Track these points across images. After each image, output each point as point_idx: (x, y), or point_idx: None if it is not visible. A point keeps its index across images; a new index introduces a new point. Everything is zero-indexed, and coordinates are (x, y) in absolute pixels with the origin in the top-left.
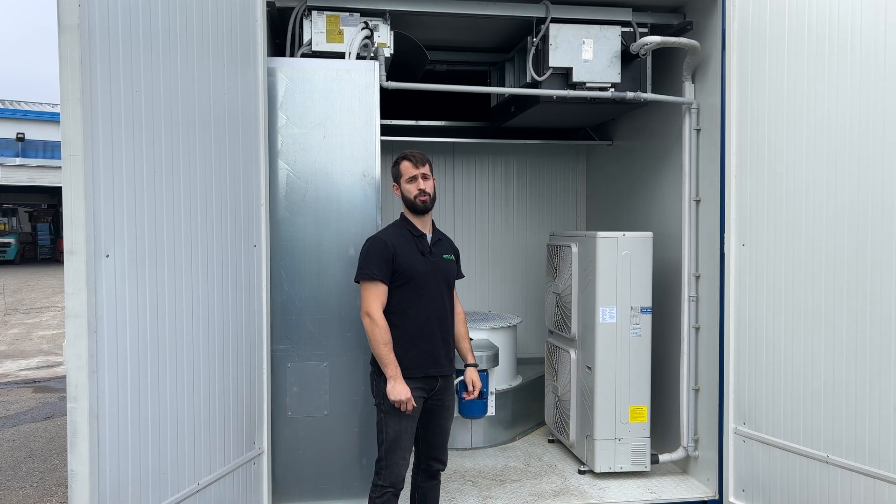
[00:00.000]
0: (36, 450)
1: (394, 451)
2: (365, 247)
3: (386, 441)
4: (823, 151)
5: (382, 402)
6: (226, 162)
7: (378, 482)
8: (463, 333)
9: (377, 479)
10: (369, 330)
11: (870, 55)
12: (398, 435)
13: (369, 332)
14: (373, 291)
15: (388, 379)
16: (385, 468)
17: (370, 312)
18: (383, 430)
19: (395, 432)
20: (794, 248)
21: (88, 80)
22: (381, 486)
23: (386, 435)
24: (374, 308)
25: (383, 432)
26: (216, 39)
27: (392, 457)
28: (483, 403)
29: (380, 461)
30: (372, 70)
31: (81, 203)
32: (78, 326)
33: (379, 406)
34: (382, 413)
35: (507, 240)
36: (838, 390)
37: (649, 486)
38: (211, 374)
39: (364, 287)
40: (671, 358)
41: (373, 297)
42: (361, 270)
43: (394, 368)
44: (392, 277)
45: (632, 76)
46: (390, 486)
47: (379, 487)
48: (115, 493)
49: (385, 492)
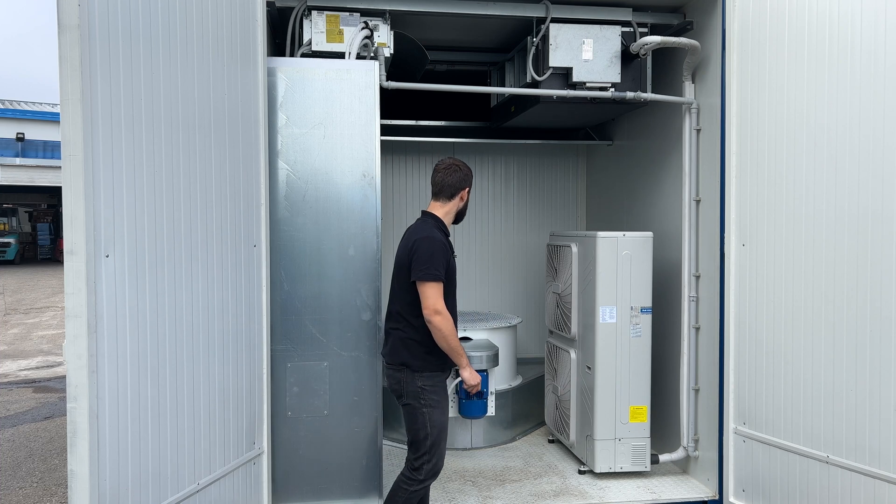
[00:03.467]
0: (36, 450)
1: (439, 442)
2: (426, 247)
3: (432, 434)
4: (823, 151)
5: (423, 398)
6: (226, 162)
7: (419, 477)
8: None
9: (417, 473)
10: (443, 326)
11: (870, 55)
12: (443, 426)
13: (443, 328)
14: (438, 290)
15: (464, 368)
16: (430, 461)
17: (440, 310)
18: (427, 425)
19: (441, 423)
20: (794, 247)
21: (88, 80)
22: (421, 479)
23: (432, 428)
24: (441, 305)
25: (426, 427)
26: (216, 39)
27: (439, 448)
28: (483, 403)
29: (422, 455)
30: (372, 70)
31: (81, 203)
32: (78, 326)
33: (419, 403)
34: (426, 408)
35: (507, 240)
36: (838, 390)
37: (649, 487)
38: (211, 373)
39: (431, 286)
40: (671, 358)
41: (439, 295)
42: (429, 272)
43: (466, 358)
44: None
45: (632, 76)
46: (432, 478)
47: (419, 482)
48: (115, 493)
49: (425, 483)
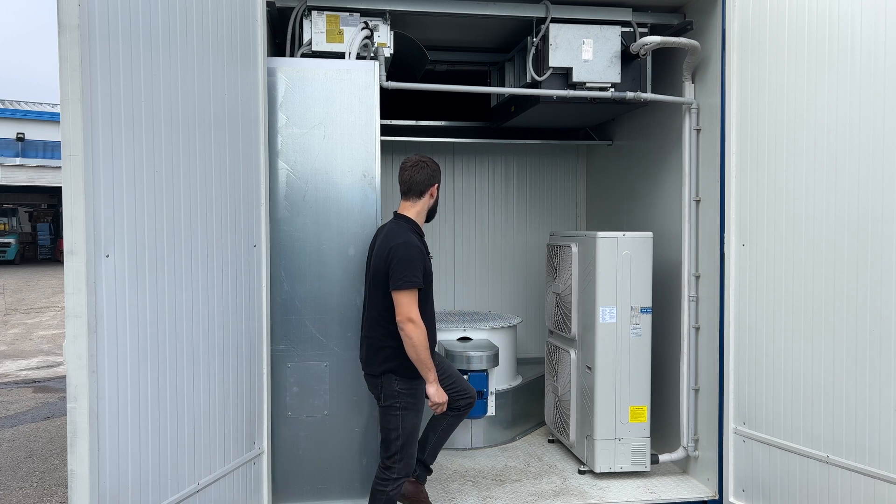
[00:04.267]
0: (36, 450)
1: (410, 443)
2: (402, 254)
3: (402, 436)
4: (823, 151)
5: (398, 401)
6: (226, 162)
7: (392, 476)
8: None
9: (390, 472)
10: (414, 335)
11: (870, 55)
12: (414, 429)
13: (414, 337)
14: (414, 298)
15: (430, 383)
16: (401, 461)
17: (413, 318)
18: (398, 427)
19: (412, 427)
20: (794, 247)
21: (88, 80)
22: (395, 478)
23: (402, 430)
24: (416, 314)
25: (398, 429)
26: (216, 39)
27: (409, 449)
28: (483, 403)
29: (393, 455)
30: (372, 70)
31: (81, 203)
32: (78, 326)
33: (392, 406)
34: (398, 411)
35: (507, 240)
36: (838, 390)
37: (649, 486)
38: (211, 373)
39: (406, 294)
40: (671, 358)
41: (413, 303)
42: (408, 279)
43: (434, 373)
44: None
45: (632, 76)
46: (405, 476)
47: (393, 480)
48: (115, 493)
49: (399, 482)
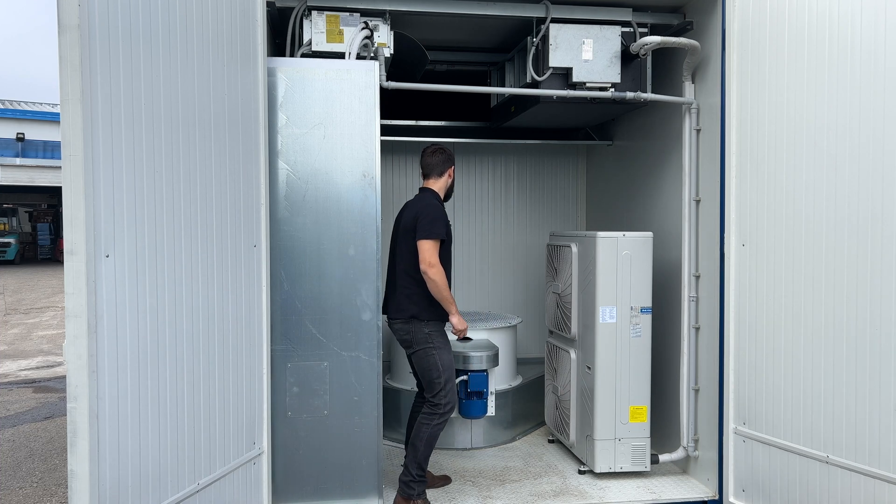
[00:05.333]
0: (36, 450)
1: (451, 378)
2: (429, 211)
3: (445, 370)
4: (823, 151)
5: (431, 342)
6: (226, 162)
7: (439, 411)
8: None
9: (437, 408)
10: (437, 277)
11: (870, 55)
12: (451, 364)
13: (436, 278)
14: (436, 248)
15: (453, 314)
16: (446, 395)
17: (434, 263)
18: (439, 365)
19: (449, 360)
20: (794, 247)
21: (88, 80)
22: (442, 412)
23: (444, 367)
24: (436, 259)
25: (439, 366)
26: (216, 39)
27: (452, 383)
28: (483, 403)
29: (438, 392)
30: (372, 70)
31: (81, 203)
32: (78, 326)
33: (427, 348)
34: (436, 350)
35: (507, 240)
36: (838, 390)
37: (649, 487)
38: (211, 373)
39: (430, 243)
40: (671, 358)
41: (436, 252)
42: (433, 230)
43: (455, 306)
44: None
45: (632, 76)
46: (451, 411)
47: (440, 414)
48: (115, 493)
49: (445, 417)
